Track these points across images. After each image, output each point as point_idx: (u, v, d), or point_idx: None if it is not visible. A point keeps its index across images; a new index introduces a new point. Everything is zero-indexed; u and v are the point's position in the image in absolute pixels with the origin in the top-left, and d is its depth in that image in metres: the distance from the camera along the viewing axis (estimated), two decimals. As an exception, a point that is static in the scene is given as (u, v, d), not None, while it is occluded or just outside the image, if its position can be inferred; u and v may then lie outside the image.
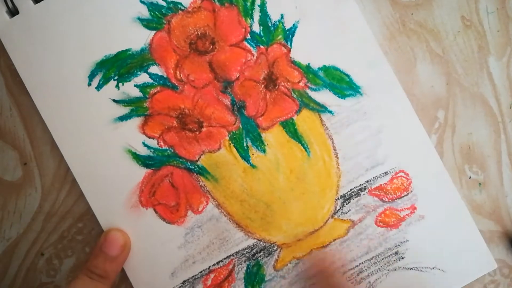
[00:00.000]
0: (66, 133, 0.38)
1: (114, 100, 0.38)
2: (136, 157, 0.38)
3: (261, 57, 0.38)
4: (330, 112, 0.39)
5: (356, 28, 0.39)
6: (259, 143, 0.39)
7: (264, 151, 0.39)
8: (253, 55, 0.38)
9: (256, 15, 0.38)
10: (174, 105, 0.38)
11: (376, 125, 0.39)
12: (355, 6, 0.39)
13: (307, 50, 0.39)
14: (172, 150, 0.38)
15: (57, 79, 0.38)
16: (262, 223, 0.39)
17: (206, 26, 0.38)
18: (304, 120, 0.39)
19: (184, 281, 0.39)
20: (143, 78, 0.38)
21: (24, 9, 0.38)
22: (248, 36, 0.38)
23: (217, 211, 0.39)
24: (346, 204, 0.39)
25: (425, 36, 0.41)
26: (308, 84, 0.39)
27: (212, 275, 0.39)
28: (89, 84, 0.38)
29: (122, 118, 0.38)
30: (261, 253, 0.39)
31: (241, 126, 0.38)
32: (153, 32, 0.38)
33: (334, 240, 0.39)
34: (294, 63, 0.39)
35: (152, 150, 0.38)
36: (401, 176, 0.39)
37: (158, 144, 0.38)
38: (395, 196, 0.39)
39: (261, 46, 0.38)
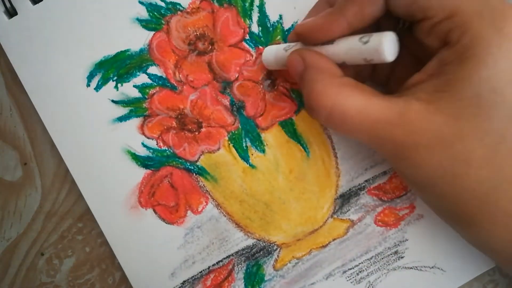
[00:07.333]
0: (65, 134, 0.38)
1: (113, 101, 0.38)
2: (135, 157, 0.38)
3: (260, 57, 0.38)
4: (329, 112, 0.39)
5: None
6: (258, 143, 0.39)
7: (263, 151, 0.39)
8: (252, 56, 0.38)
9: (255, 15, 0.38)
10: (173, 106, 0.38)
11: (375, 125, 0.39)
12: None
13: (306, 50, 0.38)
14: (172, 151, 0.38)
15: (56, 80, 0.38)
16: (261, 223, 0.39)
17: (205, 27, 0.38)
18: (303, 120, 0.39)
19: (184, 281, 0.39)
20: (142, 78, 0.38)
21: (23, 10, 0.38)
22: (247, 37, 0.38)
23: (217, 211, 0.39)
24: (346, 203, 0.39)
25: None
26: (307, 84, 0.39)
27: (212, 275, 0.39)
28: (88, 85, 0.38)
29: (121, 119, 0.38)
30: (261, 253, 0.39)
31: (240, 126, 0.38)
32: (152, 32, 0.38)
33: (334, 239, 0.39)
34: (293, 63, 0.38)
35: (151, 150, 0.38)
36: (400, 175, 0.39)
37: (157, 144, 0.38)
38: (394, 195, 0.39)
39: (260, 47, 0.38)
